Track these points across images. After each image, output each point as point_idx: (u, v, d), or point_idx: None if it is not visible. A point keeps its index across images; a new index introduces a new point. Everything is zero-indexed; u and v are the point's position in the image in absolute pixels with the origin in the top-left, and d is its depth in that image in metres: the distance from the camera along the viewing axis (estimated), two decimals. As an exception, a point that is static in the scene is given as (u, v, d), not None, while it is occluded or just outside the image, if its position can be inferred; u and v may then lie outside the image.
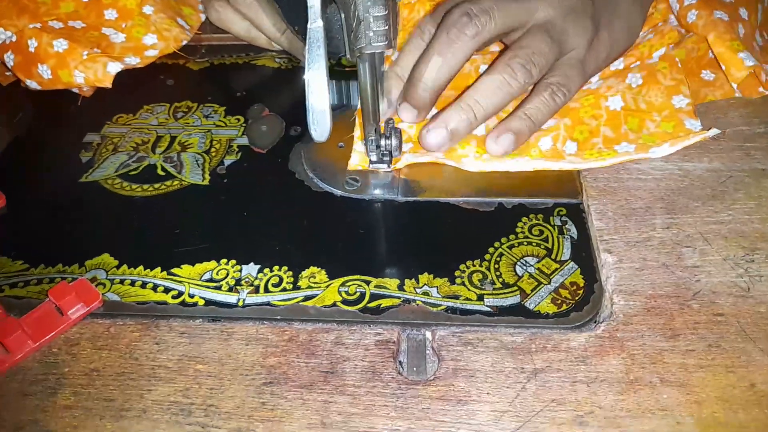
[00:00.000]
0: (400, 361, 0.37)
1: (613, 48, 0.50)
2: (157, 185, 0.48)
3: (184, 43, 0.60)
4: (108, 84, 0.54)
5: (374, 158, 0.46)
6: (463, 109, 0.45)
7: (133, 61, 0.57)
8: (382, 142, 0.44)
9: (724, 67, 0.49)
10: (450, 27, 0.44)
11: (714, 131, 0.45)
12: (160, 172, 0.49)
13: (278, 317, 0.39)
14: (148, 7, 0.60)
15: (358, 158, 0.48)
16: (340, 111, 0.53)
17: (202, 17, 0.64)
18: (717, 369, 0.35)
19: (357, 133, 0.50)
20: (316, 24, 0.34)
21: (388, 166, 0.46)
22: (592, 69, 0.49)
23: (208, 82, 0.59)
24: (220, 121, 0.54)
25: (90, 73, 0.54)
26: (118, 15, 0.59)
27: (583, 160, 0.45)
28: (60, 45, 0.54)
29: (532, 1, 0.46)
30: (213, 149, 0.51)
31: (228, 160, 0.50)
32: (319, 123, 0.34)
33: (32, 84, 0.55)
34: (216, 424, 0.34)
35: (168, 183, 0.48)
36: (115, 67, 0.54)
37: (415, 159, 0.47)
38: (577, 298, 0.39)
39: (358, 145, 0.48)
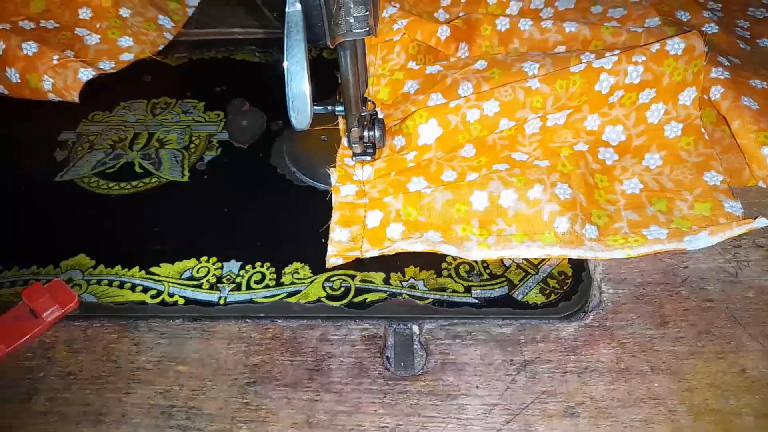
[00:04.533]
0: (387, 357, 0.36)
1: None
2: (135, 183, 0.47)
3: (161, 47, 0.58)
4: (75, 96, 0.52)
5: (358, 150, 0.44)
6: None
7: (107, 66, 0.55)
8: (365, 133, 0.43)
9: (747, 161, 0.44)
10: None
11: (763, 221, 0.39)
12: (138, 169, 0.48)
13: (261, 315, 0.38)
14: (125, 9, 0.58)
15: (335, 249, 0.40)
16: (324, 106, 0.52)
17: (189, 12, 0.62)
18: (708, 355, 0.35)
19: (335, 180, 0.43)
20: (294, 8, 0.33)
21: (371, 158, 0.45)
22: None
23: (187, 78, 0.57)
24: (199, 116, 0.53)
25: (59, 80, 0.52)
26: (93, 14, 0.58)
27: (606, 247, 0.39)
28: (29, 48, 0.52)
29: None
30: (192, 145, 0.50)
31: (208, 156, 0.49)
32: (299, 110, 0.33)
33: (0, 89, 0.54)
34: (198, 426, 0.33)
35: (146, 180, 0.47)
36: (86, 74, 0.53)
37: (407, 246, 0.40)
38: (565, 288, 0.38)
39: (336, 233, 0.41)
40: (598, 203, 0.42)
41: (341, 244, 0.40)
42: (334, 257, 0.40)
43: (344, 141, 0.47)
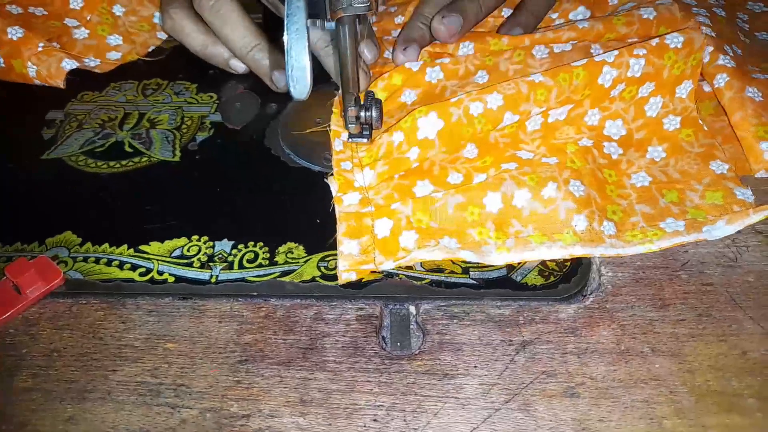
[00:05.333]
0: (383, 336, 0.35)
1: None
2: (124, 162, 0.46)
3: (152, 48, 0.57)
4: (60, 82, 0.52)
5: (353, 131, 0.44)
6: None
7: (92, 63, 0.54)
8: (362, 113, 0.43)
9: (745, 153, 0.44)
10: None
11: None
12: (127, 148, 0.47)
13: (254, 293, 0.37)
14: (118, 7, 0.57)
15: (347, 263, 0.38)
16: (319, 86, 0.51)
17: None
18: (708, 338, 0.34)
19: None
20: (293, -22, 0.32)
21: (368, 140, 0.44)
22: None
23: (179, 60, 0.56)
24: (191, 98, 0.52)
25: (43, 66, 0.51)
26: (84, 4, 0.56)
27: (626, 243, 0.38)
28: (15, 33, 0.51)
29: None
30: (184, 126, 0.49)
31: (200, 137, 0.48)
32: (299, 80, 0.32)
33: None
34: (187, 405, 0.32)
35: (136, 160, 0.46)
36: (70, 65, 0.52)
37: (425, 255, 0.38)
38: (564, 270, 0.38)
39: (345, 246, 0.38)
40: (611, 198, 0.41)
41: (352, 257, 0.38)
42: (346, 272, 0.37)
43: (336, 145, 0.45)
